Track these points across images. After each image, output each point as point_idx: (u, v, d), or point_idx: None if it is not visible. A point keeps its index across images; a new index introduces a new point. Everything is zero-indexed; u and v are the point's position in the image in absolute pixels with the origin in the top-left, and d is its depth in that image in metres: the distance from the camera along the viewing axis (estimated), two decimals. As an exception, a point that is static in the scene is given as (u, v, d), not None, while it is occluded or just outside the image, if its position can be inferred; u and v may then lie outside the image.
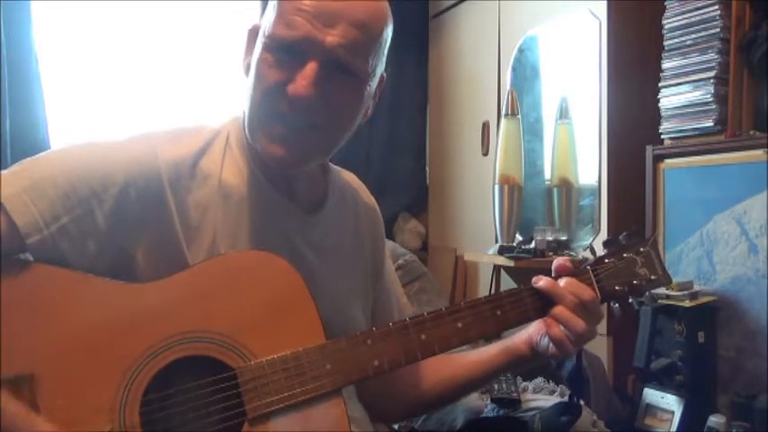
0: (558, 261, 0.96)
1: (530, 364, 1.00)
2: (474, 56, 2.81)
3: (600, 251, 1.01)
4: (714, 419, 1.62)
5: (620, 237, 1.00)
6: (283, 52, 0.82)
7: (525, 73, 2.52)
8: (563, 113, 2.31)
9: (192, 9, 2.73)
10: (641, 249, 0.99)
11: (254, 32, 0.89)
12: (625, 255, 0.99)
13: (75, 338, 0.75)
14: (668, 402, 1.71)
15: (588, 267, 0.96)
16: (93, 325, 0.76)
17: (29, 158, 0.81)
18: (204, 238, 0.84)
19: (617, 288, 0.96)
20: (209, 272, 0.82)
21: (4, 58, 2.25)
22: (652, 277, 0.98)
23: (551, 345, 0.92)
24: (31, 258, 0.77)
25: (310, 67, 0.81)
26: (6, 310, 0.73)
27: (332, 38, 0.81)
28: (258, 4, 2.76)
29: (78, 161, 0.81)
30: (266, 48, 0.83)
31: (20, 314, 0.74)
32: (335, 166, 1.04)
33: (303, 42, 0.81)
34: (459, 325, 0.88)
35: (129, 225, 0.80)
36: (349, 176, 1.07)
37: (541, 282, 0.92)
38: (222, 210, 0.86)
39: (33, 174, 0.78)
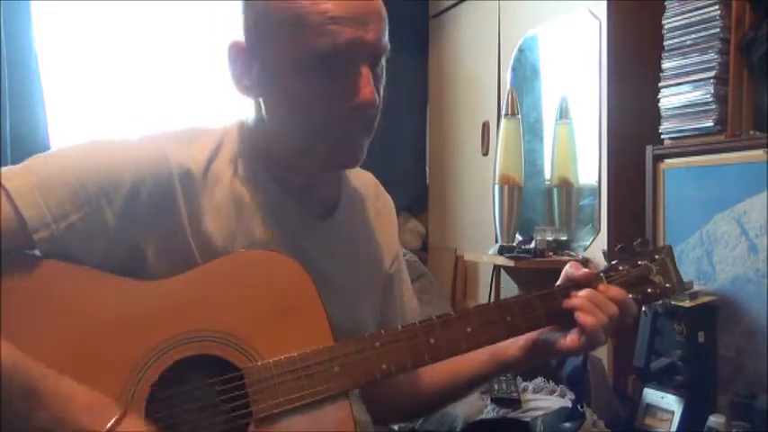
0: (575, 271, 0.94)
1: (522, 367, 0.99)
2: (474, 56, 2.81)
3: (608, 251, 1.00)
4: (714, 419, 1.62)
5: (635, 244, 0.99)
6: (329, 64, 0.80)
7: (525, 73, 2.52)
8: (563, 113, 2.31)
9: (192, 10, 2.73)
10: (656, 257, 0.98)
11: (239, 50, 0.85)
12: (640, 262, 0.97)
13: (81, 335, 0.75)
14: (668, 402, 1.71)
15: (602, 274, 0.95)
16: (101, 321, 0.76)
17: (39, 154, 0.81)
18: (215, 243, 0.84)
19: (630, 296, 0.94)
20: (217, 271, 0.82)
21: (4, 57, 2.25)
22: (667, 285, 0.97)
23: (564, 340, 0.91)
24: (38, 254, 0.77)
25: (366, 72, 0.81)
26: (13, 305, 0.73)
27: (372, 34, 0.81)
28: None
29: (89, 160, 0.81)
30: (306, 67, 0.80)
31: (27, 309, 0.74)
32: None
33: (351, 47, 0.79)
34: (469, 330, 0.87)
35: (138, 225, 0.80)
36: (364, 177, 1.05)
37: (573, 301, 0.90)
38: (234, 214, 0.86)
39: (43, 170, 0.78)
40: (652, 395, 1.75)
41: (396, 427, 1.25)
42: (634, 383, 1.89)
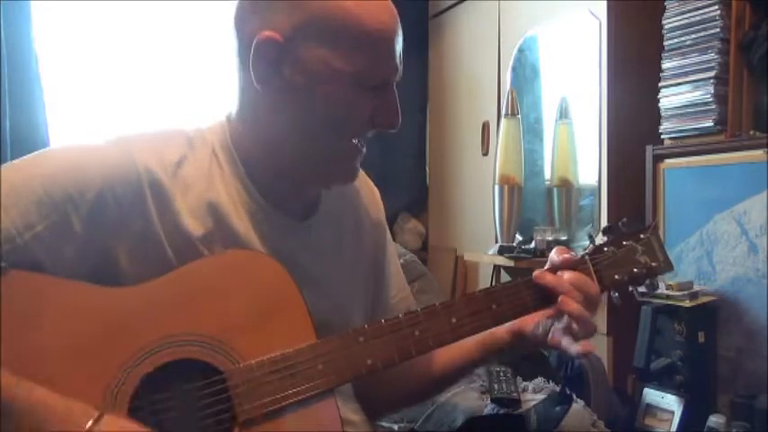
0: (558, 252, 0.93)
1: (513, 350, 0.98)
2: (474, 56, 2.81)
3: (593, 236, 0.98)
4: (714, 419, 1.62)
5: (620, 224, 0.98)
6: (371, 89, 0.85)
7: (525, 73, 2.52)
8: (563, 113, 2.31)
9: (192, 10, 2.73)
10: (641, 236, 0.96)
11: (273, 45, 0.81)
12: (625, 242, 0.96)
13: (59, 344, 0.74)
14: (668, 402, 1.71)
15: (587, 257, 0.94)
16: (78, 330, 0.75)
17: (6, 163, 0.80)
18: (191, 245, 0.82)
19: (616, 277, 0.94)
20: (195, 273, 0.80)
21: (4, 58, 2.24)
22: (653, 264, 0.95)
23: (551, 336, 0.90)
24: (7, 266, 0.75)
25: (395, 96, 0.88)
26: None
27: (399, 60, 0.87)
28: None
29: (54, 166, 0.79)
30: (357, 85, 0.83)
31: (2, 321, 0.72)
32: None
33: (394, 75, 0.87)
34: (454, 320, 0.86)
35: (107, 230, 0.79)
36: None
37: (546, 278, 0.90)
38: (209, 216, 0.84)
39: (8, 180, 0.76)
40: (652, 395, 1.75)
41: (395, 427, 1.25)
42: (634, 383, 1.89)
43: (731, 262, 1.72)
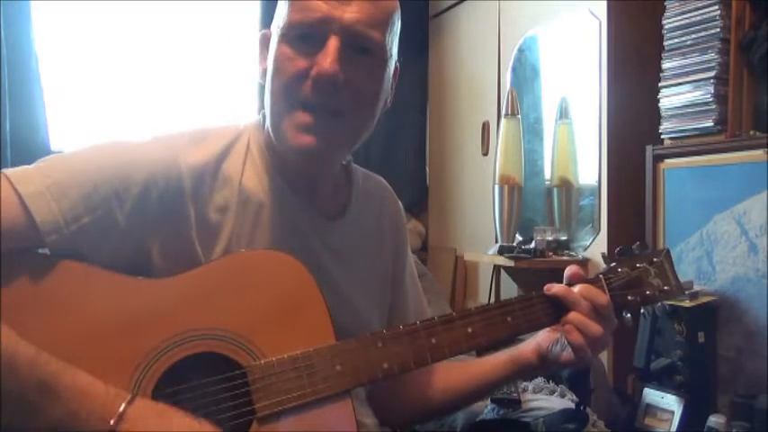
0: (570, 269, 0.95)
1: (537, 373, 1.00)
2: (474, 56, 2.81)
3: (607, 254, 1.00)
4: (714, 419, 1.62)
5: (633, 247, 1.00)
6: (302, 39, 0.83)
7: (525, 73, 2.52)
8: (563, 113, 2.31)
9: (192, 10, 2.73)
10: (654, 260, 0.99)
11: (265, 39, 0.89)
12: (638, 265, 0.98)
13: (87, 332, 0.76)
14: (668, 402, 1.71)
15: (601, 276, 0.96)
16: (106, 319, 0.77)
17: (54, 155, 0.82)
18: (220, 242, 0.84)
19: (629, 298, 0.96)
20: (221, 269, 0.82)
21: (5, 58, 2.25)
22: (665, 288, 0.98)
23: (566, 352, 0.92)
24: (47, 252, 0.78)
25: (332, 44, 0.81)
26: (21, 302, 0.73)
27: (350, 14, 0.81)
28: (258, 5, 2.76)
29: (102, 161, 0.81)
30: (283, 39, 0.84)
31: (34, 306, 0.74)
32: (361, 169, 1.03)
33: (322, 23, 0.81)
34: (470, 330, 0.88)
35: (147, 225, 0.81)
36: (375, 180, 1.06)
37: (554, 288, 0.92)
38: (241, 214, 0.86)
39: (56, 172, 0.78)
40: (652, 395, 1.75)
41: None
42: (634, 383, 1.89)
43: (731, 262, 1.72)
